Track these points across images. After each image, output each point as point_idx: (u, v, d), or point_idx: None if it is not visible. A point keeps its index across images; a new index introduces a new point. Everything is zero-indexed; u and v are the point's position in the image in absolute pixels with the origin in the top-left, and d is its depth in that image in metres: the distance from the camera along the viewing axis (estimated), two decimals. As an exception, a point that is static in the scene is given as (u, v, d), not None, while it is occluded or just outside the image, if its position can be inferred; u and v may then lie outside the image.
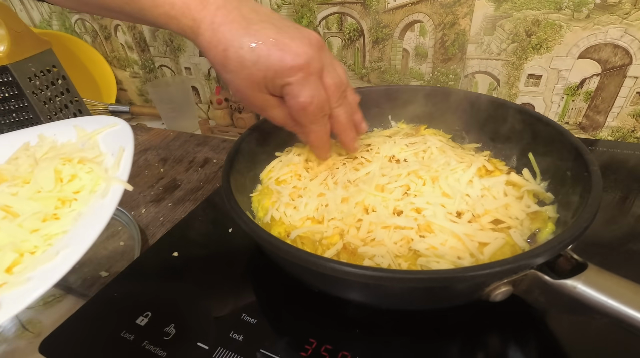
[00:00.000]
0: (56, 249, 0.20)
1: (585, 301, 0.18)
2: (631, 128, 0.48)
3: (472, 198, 0.29)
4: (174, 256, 0.33)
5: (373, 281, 0.19)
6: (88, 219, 0.22)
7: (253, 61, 0.26)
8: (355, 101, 0.32)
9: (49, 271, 0.19)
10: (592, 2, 0.42)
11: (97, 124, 0.30)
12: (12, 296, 0.18)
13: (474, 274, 0.18)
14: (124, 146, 0.27)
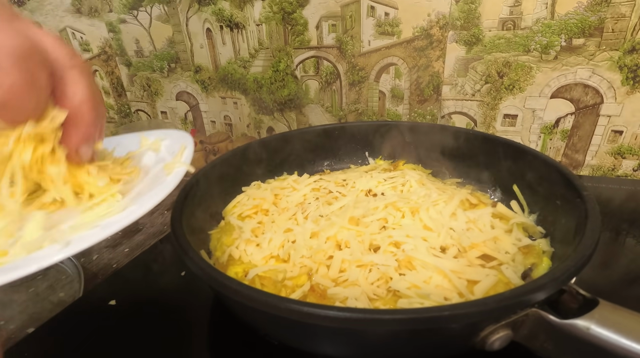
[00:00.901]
0: (123, 205, 0.22)
1: (602, 345, 0.15)
2: (611, 166, 0.47)
3: (457, 231, 0.26)
4: (110, 306, 0.27)
5: (342, 325, 0.15)
6: (152, 190, 0.23)
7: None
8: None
9: (113, 223, 0.21)
10: (558, 44, 0.43)
11: (159, 134, 0.31)
12: (80, 237, 0.20)
13: (465, 312, 0.15)
14: (185, 144, 0.28)
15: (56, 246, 0.20)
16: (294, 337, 0.20)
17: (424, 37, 0.48)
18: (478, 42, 0.46)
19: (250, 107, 0.64)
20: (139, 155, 0.30)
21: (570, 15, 0.41)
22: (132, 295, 0.29)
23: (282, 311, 0.16)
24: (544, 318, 0.16)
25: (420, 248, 0.24)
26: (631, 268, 0.31)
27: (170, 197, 0.62)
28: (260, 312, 0.17)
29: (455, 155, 0.37)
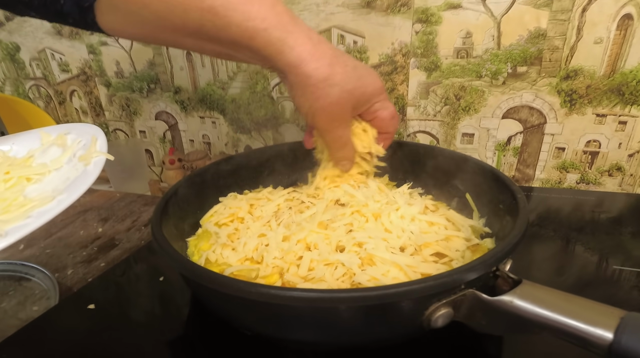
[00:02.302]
0: (52, 196, 0.23)
1: (523, 315, 0.18)
2: (557, 180, 0.52)
3: (415, 233, 0.29)
4: (89, 309, 0.28)
5: (304, 304, 0.17)
6: (76, 180, 0.24)
7: (357, 77, 0.29)
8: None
9: (45, 212, 0.22)
10: (505, 71, 0.48)
11: (61, 128, 0.32)
12: (15, 228, 0.21)
13: (408, 289, 0.17)
14: (96, 136, 0.28)
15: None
16: (264, 324, 0.22)
17: (388, 63, 0.53)
18: (437, 68, 0.51)
19: (228, 126, 0.67)
20: (41, 152, 0.30)
21: (514, 47, 0.47)
22: (112, 299, 0.30)
23: (253, 295, 0.18)
24: (478, 297, 0.19)
25: (380, 247, 0.27)
26: (582, 273, 0.34)
27: (147, 213, 0.62)
28: (234, 300, 0.19)
29: (416, 168, 0.41)
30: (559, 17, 0.44)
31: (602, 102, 0.46)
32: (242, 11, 0.24)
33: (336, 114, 0.29)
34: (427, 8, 0.48)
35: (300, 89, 0.28)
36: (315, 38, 0.27)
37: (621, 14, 0.42)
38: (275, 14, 0.25)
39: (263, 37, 0.25)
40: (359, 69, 0.29)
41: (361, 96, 0.30)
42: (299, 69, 0.26)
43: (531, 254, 0.36)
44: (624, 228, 0.40)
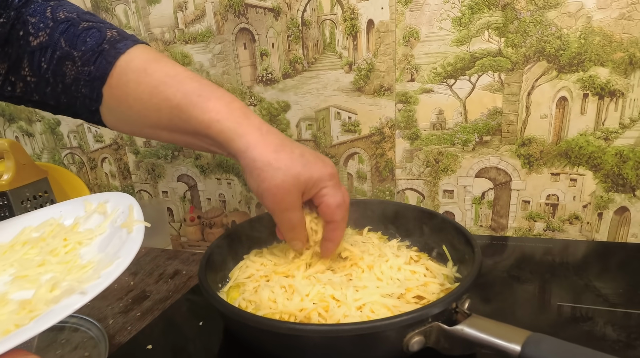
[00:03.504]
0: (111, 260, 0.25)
1: (469, 338, 0.26)
2: (527, 228, 0.61)
3: (401, 280, 0.37)
4: (147, 350, 0.36)
5: (315, 335, 0.25)
6: (125, 246, 0.26)
7: (303, 164, 0.31)
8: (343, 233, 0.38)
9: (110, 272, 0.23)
10: (474, 139, 0.59)
11: (100, 197, 0.35)
12: (91, 286, 0.22)
13: (390, 322, 0.26)
14: (131, 204, 0.31)
15: (75, 296, 0.22)
16: (287, 351, 0.30)
17: (378, 134, 0.64)
18: (417, 138, 0.62)
19: (242, 186, 0.77)
20: (85, 219, 0.33)
21: (478, 121, 0.58)
22: (164, 341, 0.37)
23: (280, 329, 0.26)
24: (441, 327, 0.27)
25: (374, 293, 0.35)
26: (562, 311, 0.40)
27: (171, 266, 0.70)
28: (264, 332, 0.27)
29: (403, 224, 0.50)
30: (511, 99, 0.56)
31: (554, 163, 0.56)
32: (201, 107, 0.30)
33: (281, 196, 0.31)
34: (406, 92, 0.60)
35: (248, 171, 0.31)
36: (265, 129, 0.31)
37: (558, 96, 0.54)
38: (229, 109, 0.30)
39: (216, 127, 0.30)
40: (307, 155, 0.32)
41: (308, 181, 0.31)
42: (246, 153, 0.30)
43: (492, 291, 0.43)
44: (569, 271, 0.48)
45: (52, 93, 0.33)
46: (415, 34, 0.57)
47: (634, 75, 0.50)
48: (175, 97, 0.31)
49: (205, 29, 0.68)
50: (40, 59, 0.31)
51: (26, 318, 0.21)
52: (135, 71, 0.31)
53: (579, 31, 0.50)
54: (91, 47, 0.31)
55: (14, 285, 0.26)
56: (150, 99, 0.31)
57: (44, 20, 0.31)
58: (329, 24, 0.61)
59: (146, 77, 0.31)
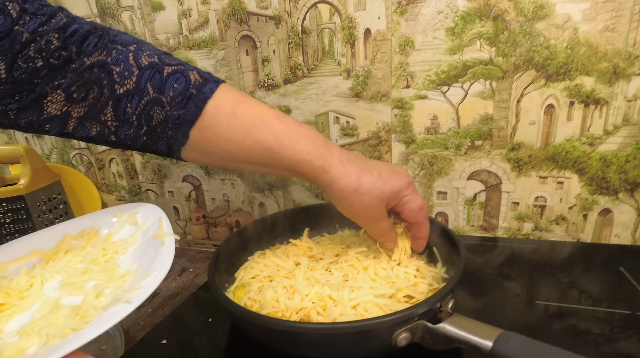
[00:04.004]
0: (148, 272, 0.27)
1: (450, 336, 0.29)
2: (517, 228, 0.64)
3: (393, 280, 0.40)
4: (163, 344, 0.39)
5: (320, 333, 0.29)
6: (158, 259, 0.28)
7: (382, 183, 0.36)
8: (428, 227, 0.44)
9: (149, 283, 0.26)
10: (466, 144, 0.62)
11: (130, 208, 0.37)
12: (135, 296, 0.25)
13: (380, 321, 0.29)
14: (160, 216, 0.34)
15: (121, 305, 0.24)
16: (289, 347, 0.33)
17: (375, 138, 0.67)
18: (413, 141, 0.65)
19: (245, 187, 0.80)
20: (118, 229, 0.35)
21: (470, 126, 0.61)
22: (177, 336, 0.41)
23: (282, 328, 0.29)
24: (425, 325, 0.30)
25: (368, 294, 0.38)
26: (549, 305, 0.44)
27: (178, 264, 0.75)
28: (268, 330, 0.30)
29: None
30: (501, 105, 0.58)
31: (542, 167, 0.59)
32: (292, 149, 0.34)
33: (370, 214, 0.37)
34: (401, 98, 0.63)
35: (337, 200, 0.37)
36: (345, 159, 0.35)
37: (546, 104, 0.56)
38: (316, 148, 0.34)
39: (307, 166, 0.34)
40: (384, 173, 0.36)
41: (390, 195, 0.37)
42: (333, 186, 0.35)
43: (478, 288, 0.47)
44: (552, 271, 0.51)
45: (134, 134, 0.33)
46: (411, 42, 0.59)
47: (618, 84, 0.53)
48: (267, 140, 0.34)
49: (209, 36, 0.71)
50: (126, 105, 0.32)
51: (81, 323, 0.24)
52: (226, 115, 0.33)
53: (565, 42, 0.53)
54: (180, 93, 0.32)
55: (63, 291, 0.29)
56: (243, 141, 0.34)
57: (128, 68, 0.31)
58: (328, 32, 0.64)
59: (237, 121, 0.33)
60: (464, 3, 0.55)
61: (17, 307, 0.28)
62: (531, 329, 0.39)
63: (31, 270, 0.32)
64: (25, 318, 0.27)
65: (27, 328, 0.25)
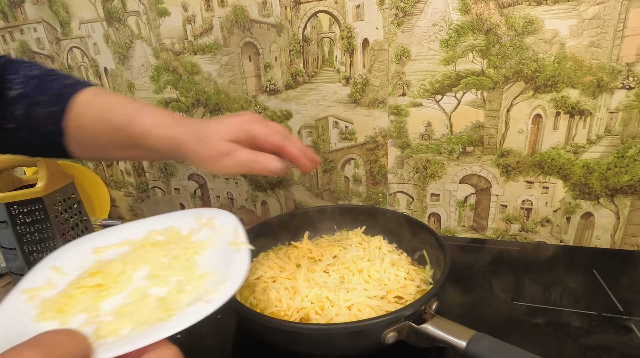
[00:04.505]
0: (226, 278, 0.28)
1: (430, 335, 0.33)
2: (505, 228, 0.68)
3: (385, 282, 0.45)
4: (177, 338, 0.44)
5: (318, 332, 0.33)
6: (233, 265, 0.30)
7: (221, 124, 0.37)
8: (303, 145, 0.41)
9: (228, 287, 0.27)
10: (458, 149, 0.65)
11: (208, 213, 0.39)
12: (216, 297, 0.26)
13: (371, 322, 0.33)
14: (235, 224, 0.36)
15: (203, 304, 0.26)
16: (290, 344, 0.37)
17: (372, 142, 0.70)
18: (408, 146, 0.68)
19: (248, 186, 0.84)
20: (197, 231, 0.37)
21: (462, 133, 0.64)
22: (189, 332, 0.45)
23: (284, 327, 0.33)
24: (411, 325, 0.35)
25: (361, 295, 0.42)
26: (534, 300, 0.48)
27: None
28: (272, 329, 0.35)
29: (391, 228, 0.57)
30: (491, 114, 0.61)
31: (529, 173, 0.63)
32: (137, 123, 0.37)
33: (220, 148, 0.35)
34: (397, 105, 0.66)
35: (191, 158, 0.36)
36: (187, 122, 0.37)
37: (533, 114, 0.59)
38: (160, 120, 0.37)
39: (152, 136, 0.37)
40: (224, 119, 0.37)
41: (231, 131, 0.36)
42: (177, 145, 0.36)
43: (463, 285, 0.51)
44: (530, 273, 0.55)
45: (28, 136, 0.39)
46: (407, 53, 0.62)
47: (601, 97, 0.56)
48: (117, 119, 0.38)
49: (213, 42, 0.73)
50: (16, 107, 0.39)
51: (166, 315, 0.25)
52: (87, 104, 0.39)
53: (553, 56, 0.55)
54: (55, 93, 0.39)
55: (150, 281, 0.30)
56: (102, 126, 0.38)
57: (20, 76, 0.39)
58: (328, 41, 0.66)
59: (95, 107, 0.39)
60: (457, 17, 0.58)
61: (111, 290, 0.30)
62: (504, 325, 0.44)
63: (124, 257, 0.34)
64: (118, 301, 0.28)
65: (120, 310, 0.27)
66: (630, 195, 0.59)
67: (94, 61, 0.84)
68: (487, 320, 0.46)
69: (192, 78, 0.78)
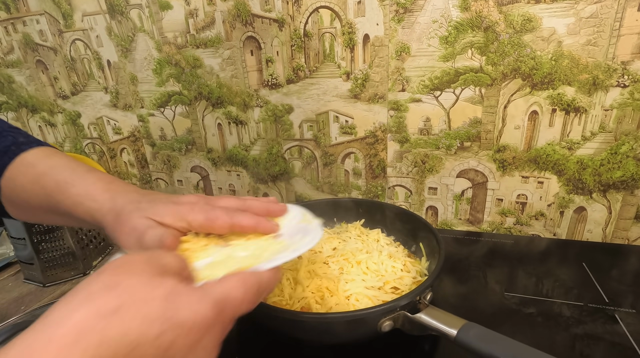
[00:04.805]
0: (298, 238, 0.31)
1: (424, 323, 0.35)
2: (500, 222, 0.70)
3: (382, 274, 0.47)
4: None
5: (314, 321, 0.35)
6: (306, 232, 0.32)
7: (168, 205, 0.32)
8: (260, 202, 0.36)
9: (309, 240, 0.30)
10: (456, 145, 0.66)
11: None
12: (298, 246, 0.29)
13: (368, 312, 0.35)
14: (302, 211, 0.38)
15: (287, 252, 0.28)
16: (292, 330, 0.40)
17: (371, 136, 0.71)
18: (407, 141, 0.69)
19: (250, 178, 0.85)
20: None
21: (460, 128, 0.65)
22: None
23: (285, 315, 0.35)
24: (406, 315, 0.37)
25: (360, 286, 0.44)
26: (526, 291, 0.51)
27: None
28: (276, 318, 0.37)
29: (389, 221, 0.59)
30: (489, 111, 0.63)
31: (525, 168, 0.64)
32: (68, 193, 0.33)
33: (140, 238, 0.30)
34: (397, 100, 0.67)
35: (115, 235, 0.31)
36: (119, 196, 0.32)
37: (530, 110, 0.61)
38: (92, 189, 0.33)
39: (80, 209, 0.33)
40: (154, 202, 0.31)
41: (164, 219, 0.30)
42: (103, 221, 0.32)
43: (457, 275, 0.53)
44: (522, 265, 0.57)
45: None
46: (407, 49, 0.63)
47: (596, 94, 0.57)
48: (49, 185, 0.34)
49: (215, 36, 0.74)
50: None
51: (255, 262, 0.27)
52: (27, 165, 0.36)
53: (550, 54, 0.56)
54: (2, 149, 0.36)
55: (232, 248, 0.31)
56: (32, 188, 0.35)
57: None
58: (329, 37, 0.67)
59: (33, 170, 0.35)
60: (457, 14, 0.59)
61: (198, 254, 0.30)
62: (496, 315, 0.46)
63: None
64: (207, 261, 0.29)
65: (210, 264, 0.28)
66: (622, 190, 0.61)
67: (97, 54, 0.85)
68: (479, 309, 0.48)
69: (194, 72, 0.79)
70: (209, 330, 0.21)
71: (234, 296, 0.23)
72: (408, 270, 0.47)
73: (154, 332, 0.19)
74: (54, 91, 0.94)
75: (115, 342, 0.17)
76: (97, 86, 0.89)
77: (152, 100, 0.86)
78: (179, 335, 0.19)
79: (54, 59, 0.90)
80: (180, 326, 0.20)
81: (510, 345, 0.30)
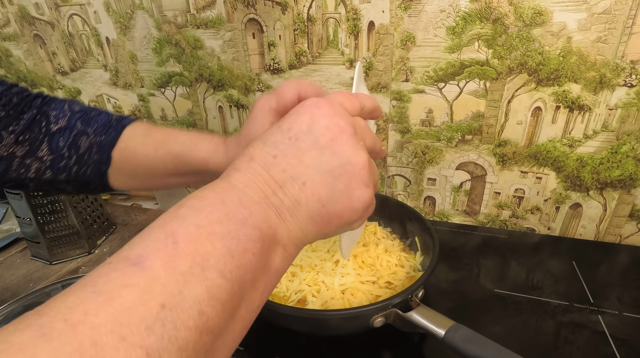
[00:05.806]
0: None
1: (415, 323, 0.37)
2: (496, 214, 0.71)
3: (377, 268, 0.48)
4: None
5: (314, 316, 0.37)
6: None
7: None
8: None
9: None
10: (457, 137, 0.66)
11: None
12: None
13: (362, 310, 0.37)
14: None
15: None
16: (290, 323, 0.42)
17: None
18: (408, 132, 0.69)
19: (250, 162, 0.85)
20: None
21: (462, 121, 0.65)
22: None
23: (284, 310, 0.37)
24: (397, 312, 0.38)
25: (354, 280, 0.46)
26: (513, 286, 0.53)
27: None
28: (275, 313, 0.38)
29: (387, 214, 0.60)
30: (492, 105, 0.62)
31: (524, 163, 0.64)
32: (197, 150, 0.36)
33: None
34: (400, 90, 0.66)
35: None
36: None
37: (534, 106, 0.60)
38: (216, 146, 0.36)
39: (213, 163, 0.36)
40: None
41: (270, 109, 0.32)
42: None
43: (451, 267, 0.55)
44: (513, 260, 0.59)
45: (65, 166, 0.38)
46: (412, 38, 0.62)
47: (602, 93, 0.56)
48: (175, 147, 0.37)
49: (216, 16, 0.72)
50: (59, 139, 0.38)
51: None
52: (140, 134, 0.39)
53: (559, 49, 0.55)
54: (102, 124, 0.39)
55: None
56: (156, 154, 0.38)
57: (62, 112, 0.39)
58: (333, 22, 0.65)
59: (150, 138, 0.39)
60: (466, 4, 0.57)
61: None
62: (483, 309, 0.48)
63: None
64: None
65: None
66: (619, 189, 0.61)
67: (95, 30, 0.83)
68: (468, 303, 0.50)
69: (195, 53, 0.77)
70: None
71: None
72: (402, 265, 0.49)
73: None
74: (53, 67, 0.93)
75: None
76: (96, 63, 0.88)
77: (152, 80, 0.84)
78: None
79: (51, 34, 0.88)
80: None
81: (494, 349, 0.32)
